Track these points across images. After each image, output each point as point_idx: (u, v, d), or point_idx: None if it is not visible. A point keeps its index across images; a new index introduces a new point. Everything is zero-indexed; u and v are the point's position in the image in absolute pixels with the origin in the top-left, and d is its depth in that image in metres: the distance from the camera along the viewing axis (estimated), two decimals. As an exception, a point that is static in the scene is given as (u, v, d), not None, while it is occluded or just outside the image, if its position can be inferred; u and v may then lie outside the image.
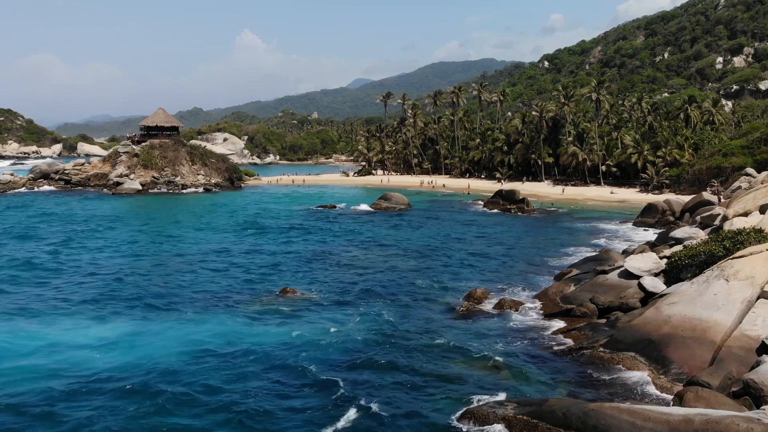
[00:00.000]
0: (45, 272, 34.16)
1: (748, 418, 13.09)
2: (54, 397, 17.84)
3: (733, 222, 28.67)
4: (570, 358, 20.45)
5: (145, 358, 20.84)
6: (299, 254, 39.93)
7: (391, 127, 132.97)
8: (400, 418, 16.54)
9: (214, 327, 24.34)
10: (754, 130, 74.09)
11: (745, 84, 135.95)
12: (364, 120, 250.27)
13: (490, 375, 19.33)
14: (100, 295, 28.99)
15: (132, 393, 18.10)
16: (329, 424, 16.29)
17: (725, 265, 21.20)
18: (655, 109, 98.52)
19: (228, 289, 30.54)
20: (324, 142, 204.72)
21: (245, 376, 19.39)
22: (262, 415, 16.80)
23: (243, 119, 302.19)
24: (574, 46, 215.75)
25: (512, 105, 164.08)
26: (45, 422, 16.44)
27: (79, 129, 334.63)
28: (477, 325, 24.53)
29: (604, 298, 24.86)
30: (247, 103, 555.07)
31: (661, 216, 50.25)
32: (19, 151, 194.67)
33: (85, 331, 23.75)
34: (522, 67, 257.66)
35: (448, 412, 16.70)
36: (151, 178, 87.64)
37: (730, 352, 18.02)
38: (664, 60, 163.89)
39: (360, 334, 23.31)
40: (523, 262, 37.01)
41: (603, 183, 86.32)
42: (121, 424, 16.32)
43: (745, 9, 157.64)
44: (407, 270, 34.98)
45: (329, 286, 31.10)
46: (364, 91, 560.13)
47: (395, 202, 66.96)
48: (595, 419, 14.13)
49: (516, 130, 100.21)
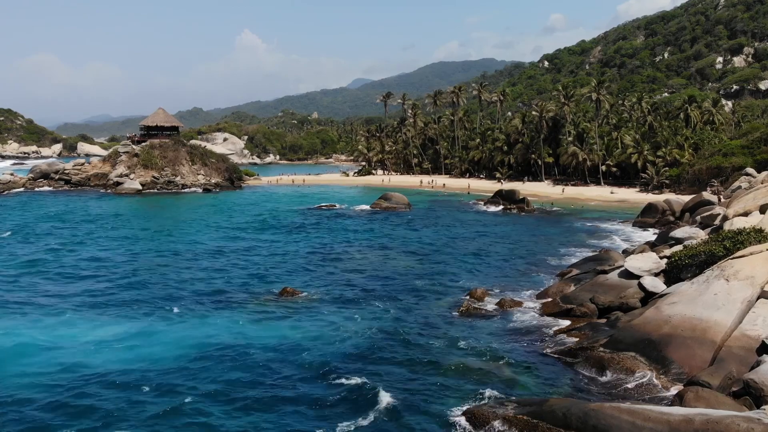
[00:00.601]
0: (49, 271, 34.16)
1: (748, 418, 13.09)
2: (70, 396, 17.93)
3: (734, 222, 28.67)
4: (570, 358, 20.43)
5: (152, 357, 20.97)
6: (299, 254, 39.92)
7: (391, 127, 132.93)
8: (401, 417, 16.55)
9: (214, 326, 24.34)
10: (754, 130, 74.06)
11: (745, 84, 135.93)
12: (364, 120, 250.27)
13: (491, 374, 19.32)
14: (101, 294, 29.02)
15: (147, 389, 18.29)
16: (330, 422, 16.30)
17: (725, 264, 21.19)
18: (655, 109, 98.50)
19: (228, 288, 30.52)
20: (324, 142, 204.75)
21: (246, 374, 19.40)
22: (273, 410, 17.01)
23: (243, 119, 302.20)
24: (574, 46, 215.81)
25: (512, 105, 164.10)
26: (64, 418, 16.60)
27: (79, 129, 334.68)
28: (477, 324, 24.53)
29: (605, 297, 24.85)
30: (247, 103, 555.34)
31: (661, 216, 50.22)
32: (19, 151, 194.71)
33: (92, 330, 23.83)
34: (522, 67, 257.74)
35: (449, 411, 16.70)
36: (151, 178, 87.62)
37: (730, 351, 18.00)
38: (664, 60, 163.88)
39: (360, 333, 23.31)
40: (523, 262, 37.00)
41: (603, 183, 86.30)
42: (137, 419, 16.51)
43: (745, 9, 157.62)
44: (407, 269, 34.98)
45: (329, 285, 31.09)
46: (364, 91, 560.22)
47: (395, 202, 66.91)
48: (596, 419, 14.12)
49: (516, 130, 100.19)
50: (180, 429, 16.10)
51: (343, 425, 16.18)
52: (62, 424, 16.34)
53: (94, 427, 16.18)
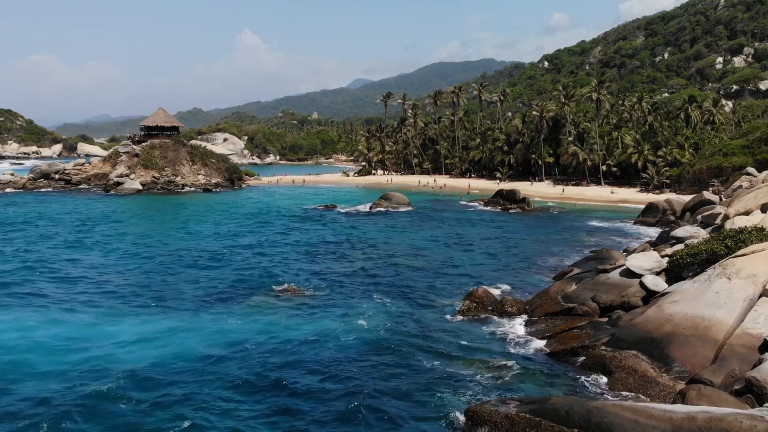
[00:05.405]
0: (51, 271, 34.08)
1: (751, 415, 13.06)
2: (105, 392, 17.96)
3: (735, 221, 28.65)
4: (572, 357, 20.41)
5: (160, 355, 21.00)
6: (300, 253, 39.91)
7: (392, 127, 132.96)
8: (402, 416, 16.51)
9: (213, 326, 24.34)
10: (754, 130, 74.03)
11: (745, 84, 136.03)
12: (364, 120, 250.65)
13: (492, 373, 19.30)
14: (102, 294, 29.02)
15: (157, 387, 18.36)
16: (330, 421, 16.27)
17: (727, 263, 21.16)
18: (655, 109, 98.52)
19: (228, 288, 30.46)
20: (324, 142, 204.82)
21: (247, 372, 19.35)
22: (271, 406, 16.96)
23: (243, 119, 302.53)
24: (574, 46, 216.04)
25: (512, 105, 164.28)
26: (93, 415, 16.66)
27: (79, 129, 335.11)
28: (478, 323, 24.51)
29: (606, 296, 24.81)
30: (247, 103, 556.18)
31: (662, 215, 50.23)
32: (19, 152, 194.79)
33: (100, 328, 23.88)
34: (522, 68, 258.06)
35: (451, 410, 16.67)
36: (152, 177, 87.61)
37: (732, 350, 17.97)
38: (664, 60, 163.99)
39: (361, 332, 23.29)
40: (524, 262, 36.99)
41: (603, 183, 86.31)
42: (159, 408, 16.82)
43: (745, 9, 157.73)
44: (408, 269, 34.96)
45: (330, 285, 31.06)
46: (364, 91, 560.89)
47: (396, 201, 66.89)
48: (598, 417, 14.08)
49: (516, 130, 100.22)
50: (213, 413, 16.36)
51: (342, 424, 16.14)
52: (109, 417, 16.51)
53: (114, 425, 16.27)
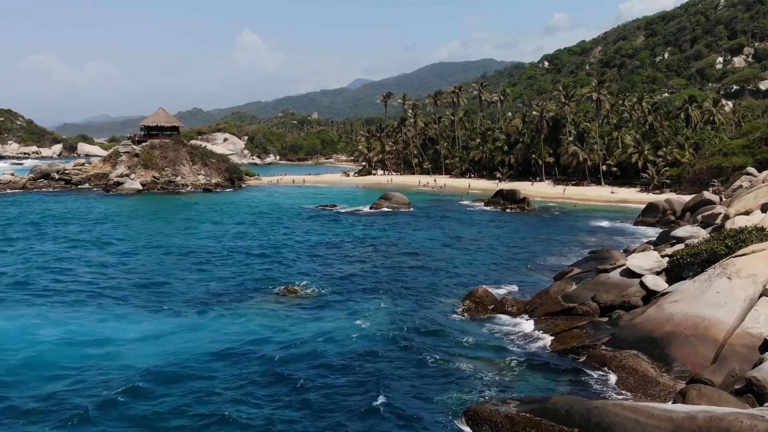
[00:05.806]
0: (54, 271, 34.08)
1: (751, 415, 13.07)
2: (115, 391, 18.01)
3: (735, 220, 28.65)
4: (572, 357, 20.42)
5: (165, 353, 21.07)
6: (300, 253, 39.90)
7: (392, 127, 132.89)
8: (403, 416, 16.49)
9: (217, 325, 24.36)
10: (754, 130, 74.02)
11: (745, 84, 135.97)
12: (364, 120, 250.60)
13: (492, 373, 19.31)
14: (101, 294, 28.97)
15: (163, 385, 18.43)
16: (330, 420, 16.29)
17: (727, 263, 21.16)
18: (655, 109, 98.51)
19: (229, 288, 30.48)
20: (324, 142, 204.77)
21: (246, 371, 19.38)
22: (276, 405, 16.95)
23: (243, 119, 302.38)
24: (574, 46, 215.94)
25: (512, 105, 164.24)
26: (110, 411, 16.80)
27: (79, 129, 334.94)
28: (478, 323, 24.52)
29: (606, 296, 24.81)
30: (247, 103, 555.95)
31: (662, 215, 50.22)
32: (19, 152, 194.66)
33: (104, 327, 23.91)
34: (522, 68, 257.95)
35: (451, 409, 16.68)
36: (152, 177, 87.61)
37: (732, 350, 17.98)
38: (664, 60, 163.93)
39: (361, 331, 23.30)
40: (524, 261, 36.99)
41: (603, 183, 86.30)
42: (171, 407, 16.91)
43: (745, 9, 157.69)
44: (408, 269, 34.96)
45: (330, 284, 31.06)
46: (364, 91, 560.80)
47: (396, 201, 66.88)
48: (599, 416, 14.09)
49: (516, 130, 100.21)
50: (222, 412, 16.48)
51: (343, 423, 16.15)
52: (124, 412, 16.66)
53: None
